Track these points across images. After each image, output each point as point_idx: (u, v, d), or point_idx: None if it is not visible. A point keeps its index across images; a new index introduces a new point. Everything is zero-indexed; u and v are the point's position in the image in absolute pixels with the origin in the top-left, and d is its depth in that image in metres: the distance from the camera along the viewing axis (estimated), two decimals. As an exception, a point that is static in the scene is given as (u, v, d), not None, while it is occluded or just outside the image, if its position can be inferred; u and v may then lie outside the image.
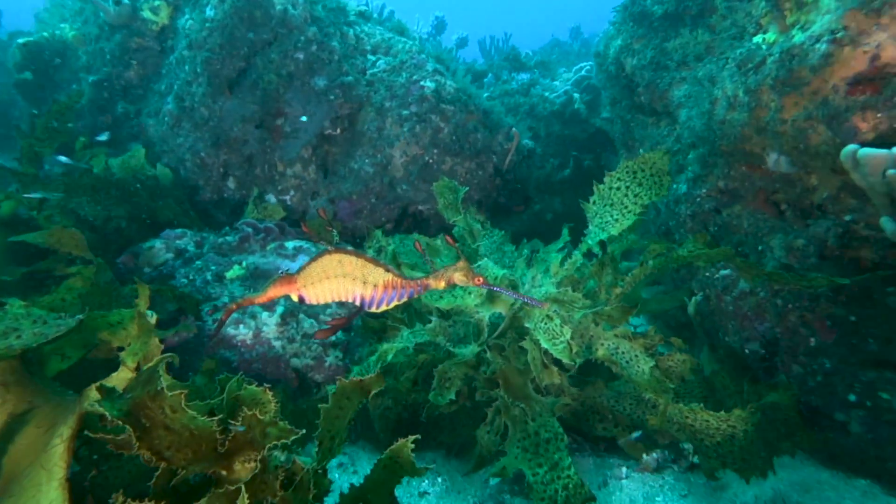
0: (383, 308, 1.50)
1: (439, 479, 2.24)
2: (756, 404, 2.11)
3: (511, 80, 8.06)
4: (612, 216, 2.38)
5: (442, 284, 1.49)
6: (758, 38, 2.11)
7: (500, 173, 3.89)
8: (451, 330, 2.46)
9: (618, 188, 2.39)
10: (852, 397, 2.15)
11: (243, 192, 4.02)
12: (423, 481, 2.23)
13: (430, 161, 3.73)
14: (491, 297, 2.38)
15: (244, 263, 3.17)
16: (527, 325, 2.19)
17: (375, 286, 1.47)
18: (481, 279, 1.47)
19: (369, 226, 3.98)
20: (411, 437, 1.48)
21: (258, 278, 3.11)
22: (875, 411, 2.08)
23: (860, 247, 2.14)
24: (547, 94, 7.15)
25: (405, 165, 3.77)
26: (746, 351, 2.61)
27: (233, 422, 1.34)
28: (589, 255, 2.51)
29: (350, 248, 1.49)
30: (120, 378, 1.76)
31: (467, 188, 2.89)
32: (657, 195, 2.31)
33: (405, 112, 3.68)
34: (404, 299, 1.49)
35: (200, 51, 3.67)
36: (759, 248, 2.51)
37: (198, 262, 3.04)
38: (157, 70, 4.34)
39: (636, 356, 2.20)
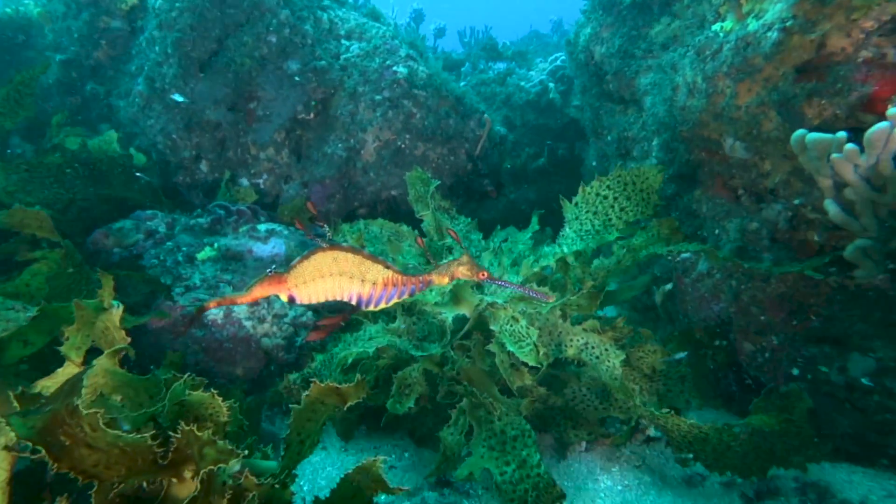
0: (381, 306, 1.44)
1: (406, 454, 2.31)
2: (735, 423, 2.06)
3: (488, 69, 8.09)
4: (592, 225, 2.29)
5: (445, 280, 1.44)
6: (716, 27, 2.19)
7: (472, 159, 3.94)
8: (416, 327, 2.39)
9: (605, 196, 2.29)
10: (796, 371, 2.26)
11: (216, 175, 3.99)
12: (391, 455, 2.29)
13: (403, 146, 3.75)
14: (455, 298, 2.28)
15: (216, 245, 3.16)
16: (492, 327, 2.13)
17: (374, 284, 1.41)
18: (486, 273, 1.43)
19: (342, 210, 4.01)
20: (381, 458, 1.39)
21: (230, 260, 3.11)
22: (815, 384, 2.19)
23: (808, 229, 2.25)
24: (523, 83, 7.20)
25: (378, 150, 3.78)
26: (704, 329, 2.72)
27: (174, 434, 1.21)
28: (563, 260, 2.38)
29: (345, 244, 1.41)
30: (63, 375, 1.64)
31: (438, 182, 2.77)
32: (643, 213, 2.22)
33: (378, 97, 3.69)
34: (405, 296, 1.43)
35: (171, 31, 3.62)
36: (717, 231, 2.60)
37: (168, 244, 3.03)
38: (127, 50, 4.27)
39: (606, 350, 2.15)
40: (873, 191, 1.75)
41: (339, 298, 1.43)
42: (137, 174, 3.45)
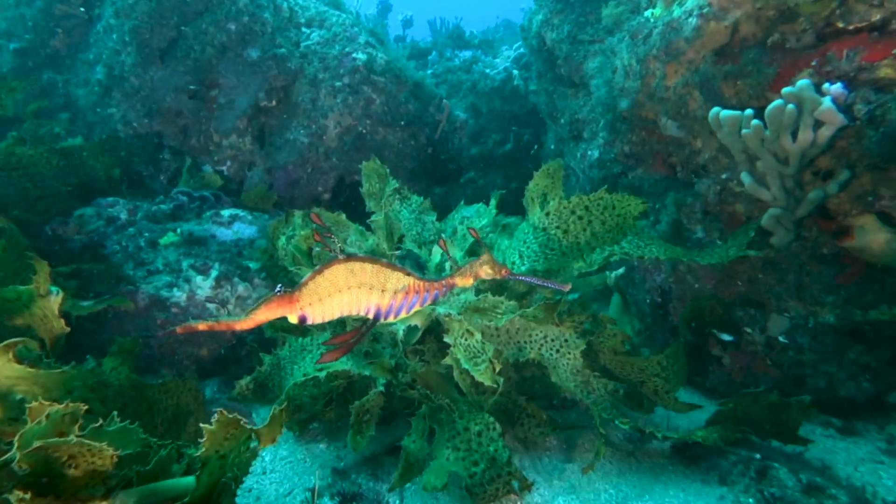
0: (402, 316, 1.36)
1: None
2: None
3: (454, 57, 8.18)
4: (560, 244, 2.13)
5: (470, 281, 1.39)
6: (648, 13, 2.33)
7: (432, 143, 4.04)
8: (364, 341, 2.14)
9: (579, 217, 2.15)
10: (725, 335, 2.45)
11: (179, 164, 4.02)
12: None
13: (364, 131, 3.84)
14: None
15: (178, 230, 3.22)
16: (447, 339, 2.00)
17: (395, 293, 1.33)
18: (507, 270, 1.38)
19: (307, 195, 4.08)
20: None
21: (193, 244, 3.17)
22: (739, 343, 2.39)
23: (735, 202, 2.42)
24: (488, 70, 7.31)
25: (340, 136, 3.86)
26: (647, 301, 2.90)
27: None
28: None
29: (359, 253, 1.34)
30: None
31: (396, 184, 2.62)
32: (613, 241, 2.09)
33: (338, 83, 3.76)
34: (427, 303, 1.36)
35: (128, 19, 3.62)
36: (657, 206, 2.77)
37: (130, 230, 3.07)
38: (84, 38, 4.24)
39: (566, 341, 2.09)
40: (779, 163, 1.92)
41: (355, 313, 1.33)
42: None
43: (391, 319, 1.35)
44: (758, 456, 1.84)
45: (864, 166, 1.95)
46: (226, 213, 3.61)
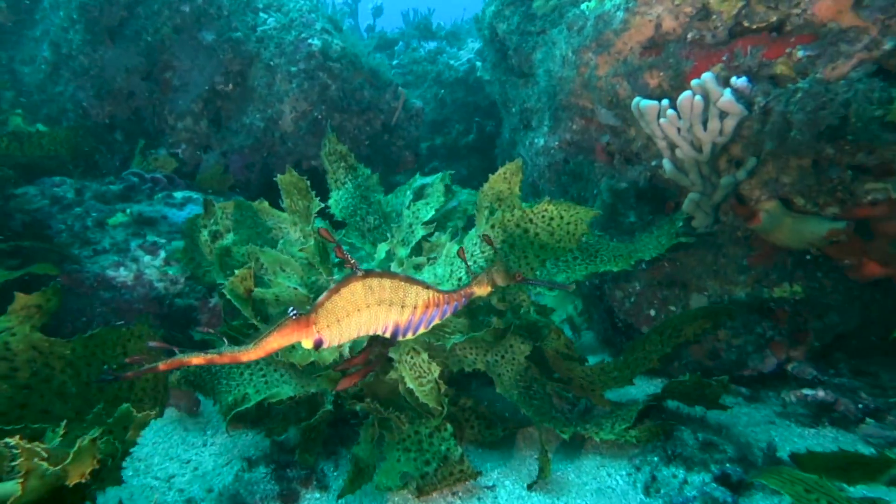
0: (421, 331, 1.31)
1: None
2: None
3: (419, 48, 8.25)
4: (506, 260, 2.06)
5: (487, 289, 1.37)
6: (584, 5, 2.45)
7: (388, 129, 4.11)
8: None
9: (525, 230, 2.06)
10: (653, 312, 2.62)
11: (133, 145, 3.98)
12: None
13: (320, 117, 3.88)
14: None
15: (128, 211, 3.21)
16: (392, 355, 1.96)
17: (415, 308, 1.27)
18: (520, 275, 1.38)
19: (263, 179, 4.10)
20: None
21: (142, 225, 3.17)
22: (666, 321, 2.56)
23: (664, 188, 2.58)
24: (452, 62, 7.40)
25: (295, 121, 3.89)
26: (587, 283, 3.05)
27: None
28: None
29: (376, 269, 1.27)
30: None
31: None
32: (558, 254, 2.02)
33: (293, 69, 3.79)
34: (447, 315, 1.32)
35: (76, -4, 3.56)
36: (595, 192, 2.92)
37: (77, 209, 3.05)
38: (31, 14, 4.14)
39: (511, 346, 2.10)
40: (694, 150, 2.07)
41: (374, 332, 1.27)
42: None
43: (409, 336, 1.29)
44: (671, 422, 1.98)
45: (769, 154, 2.12)
46: (179, 194, 3.61)
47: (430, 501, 1.78)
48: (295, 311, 1.16)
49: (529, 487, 1.81)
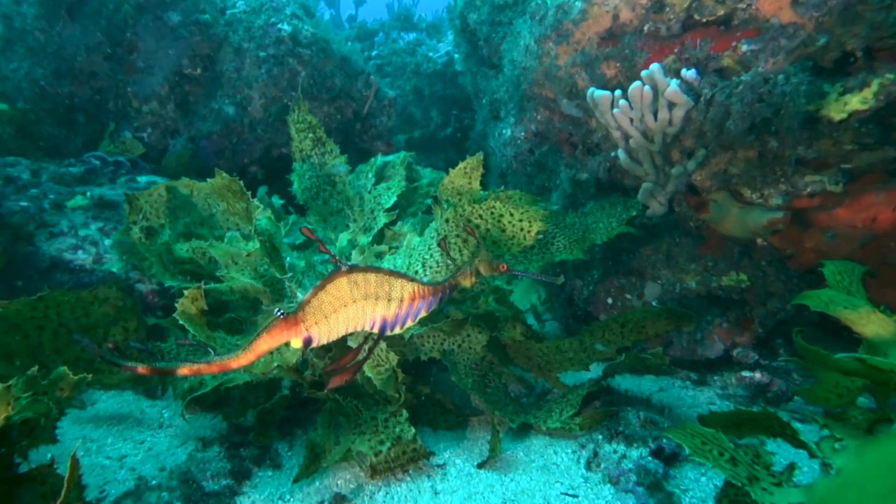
0: (408, 325, 1.32)
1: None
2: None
3: (399, 39, 8.23)
4: (461, 254, 2.01)
5: (472, 280, 1.39)
6: (546, -4, 2.48)
7: (359, 118, 4.11)
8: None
9: (476, 226, 2.02)
10: (610, 300, 2.69)
11: (96, 127, 3.91)
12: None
13: (290, 104, 3.85)
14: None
15: (88, 194, 3.16)
16: (350, 344, 1.97)
17: (401, 301, 1.28)
18: (504, 266, 1.39)
19: (233, 166, 4.06)
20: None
21: (103, 208, 3.13)
22: (622, 309, 2.62)
23: (622, 177, 2.64)
24: (431, 54, 7.40)
25: (265, 107, 3.86)
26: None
27: None
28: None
29: (357, 263, 1.26)
30: None
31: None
32: (518, 245, 1.97)
33: (262, 54, 3.75)
34: (433, 307, 1.33)
35: (34, -29, 3.47)
36: (557, 182, 2.97)
37: (33, 190, 2.99)
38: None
39: (468, 335, 2.13)
40: (646, 140, 2.13)
41: (361, 328, 1.28)
42: None
43: (397, 330, 1.30)
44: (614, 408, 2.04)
45: (718, 146, 2.19)
46: (142, 179, 3.57)
47: (382, 480, 1.81)
48: (282, 311, 1.17)
49: (479, 466, 1.86)
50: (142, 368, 1.12)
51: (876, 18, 1.65)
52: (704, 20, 1.97)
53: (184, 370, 1.14)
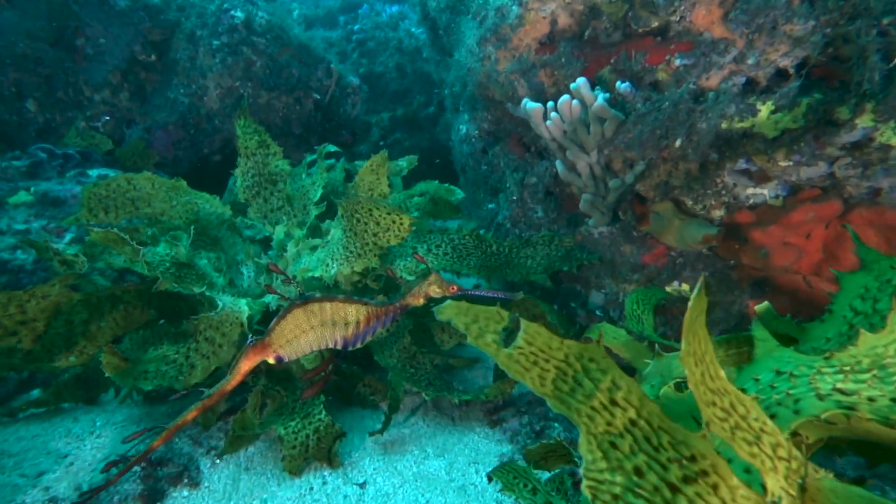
0: (368, 340, 1.48)
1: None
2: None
3: (382, 11, 7.99)
4: (352, 249, 2.09)
5: (420, 301, 1.48)
6: (490, -5, 2.38)
7: (321, 108, 4.01)
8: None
9: (358, 219, 2.08)
10: (555, 306, 2.66)
11: (48, 116, 3.80)
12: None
13: (246, 94, 3.75)
14: (244, 294, 2.16)
15: (32, 189, 3.09)
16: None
17: (357, 323, 1.44)
18: (455, 287, 1.48)
19: (192, 156, 3.98)
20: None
21: (47, 205, 3.06)
22: (569, 317, 2.61)
23: (569, 184, 2.58)
24: (413, 29, 7.20)
25: (220, 98, 3.76)
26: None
27: None
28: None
29: (318, 294, 1.43)
30: None
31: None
32: (396, 237, 2.05)
33: (216, 42, 3.63)
34: (387, 325, 1.49)
35: (-25, -46, 3.32)
36: (508, 185, 2.91)
37: (-28, 188, 2.92)
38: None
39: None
40: (582, 152, 2.07)
41: (326, 346, 1.46)
42: None
43: (358, 345, 1.48)
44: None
45: (658, 158, 2.13)
46: (93, 172, 3.49)
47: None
48: (252, 339, 1.44)
49: (370, 434, 2.00)
50: (159, 441, 1.44)
51: (803, 38, 1.58)
52: (640, 30, 1.89)
53: (194, 413, 1.44)
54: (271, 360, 1.46)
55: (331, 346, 1.48)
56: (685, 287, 2.38)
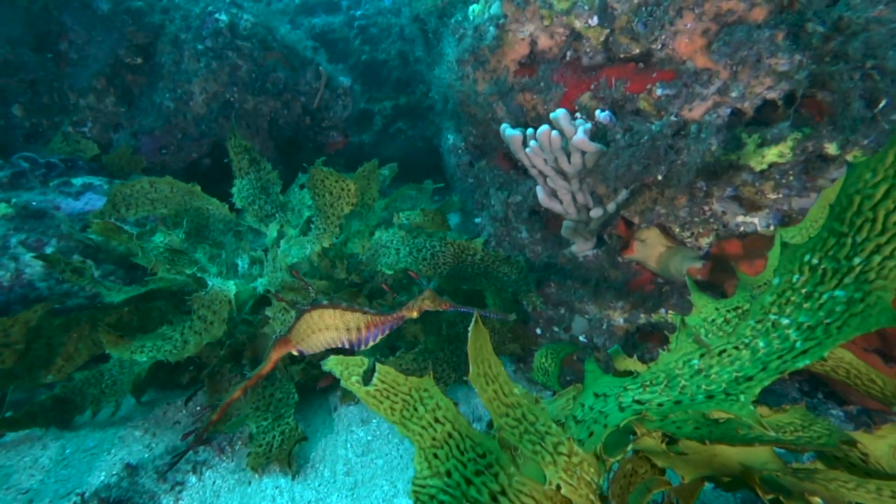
0: (371, 345, 1.63)
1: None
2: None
3: (387, -6, 7.83)
4: (321, 227, 2.32)
5: (414, 313, 1.61)
6: (470, 9, 2.27)
7: (309, 112, 3.92)
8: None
9: (321, 192, 2.32)
10: (539, 331, 2.59)
11: (34, 121, 3.76)
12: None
13: (232, 99, 3.67)
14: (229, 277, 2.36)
15: (13, 201, 3.05)
16: (267, 312, 2.30)
17: (359, 329, 1.61)
18: (447, 304, 1.59)
19: (180, 161, 3.93)
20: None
21: (28, 218, 3.02)
22: (552, 341, 2.54)
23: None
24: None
25: (207, 103, 3.68)
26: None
27: None
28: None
29: (326, 301, 1.62)
30: None
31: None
32: (344, 207, 2.26)
33: (200, 46, 3.54)
34: (387, 332, 1.63)
35: (-47, -43, 3.24)
36: (493, 202, 2.82)
37: (-49, 201, 2.89)
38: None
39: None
40: (563, 180, 1.98)
41: (335, 346, 1.66)
42: None
43: (364, 348, 1.64)
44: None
45: (645, 186, 2.04)
46: (77, 181, 3.44)
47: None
48: (279, 334, 1.72)
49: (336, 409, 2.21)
50: (217, 414, 1.78)
51: (788, 72, 1.47)
52: (622, 55, 1.78)
53: (238, 393, 1.76)
54: (295, 353, 1.69)
55: (339, 346, 1.65)
56: (671, 315, 2.30)
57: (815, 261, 0.84)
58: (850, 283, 0.78)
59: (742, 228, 2.04)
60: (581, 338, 2.47)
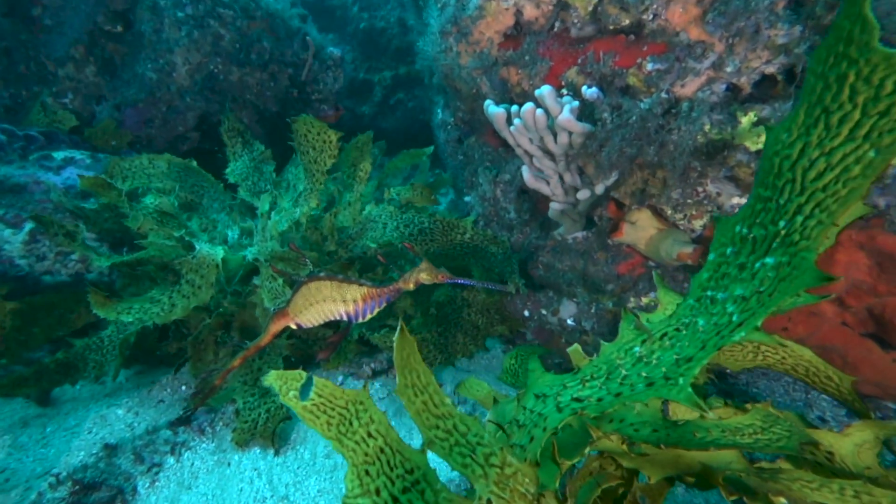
0: (369, 317, 1.64)
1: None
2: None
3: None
4: (308, 188, 2.33)
5: (411, 285, 1.59)
6: (457, -25, 2.14)
7: (297, 84, 3.79)
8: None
9: (307, 148, 2.33)
10: (527, 313, 2.53)
11: (12, 91, 3.64)
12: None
13: (216, 70, 3.54)
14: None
15: (-10, 177, 2.97)
16: (255, 281, 2.28)
17: (355, 301, 1.61)
18: (444, 276, 1.56)
19: (166, 135, 3.82)
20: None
21: (5, 193, 2.95)
22: (540, 324, 2.48)
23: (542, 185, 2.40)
24: (417, -20, 6.82)
25: (190, 74, 3.55)
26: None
27: None
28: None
29: (323, 273, 1.61)
30: None
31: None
32: (327, 159, 2.25)
33: (181, 14, 3.40)
34: (384, 305, 1.63)
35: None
36: (481, 181, 2.73)
37: (-74, 176, 2.81)
38: None
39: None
40: (550, 160, 1.89)
41: (333, 318, 1.66)
42: None
43: (360, 321, 1.64)
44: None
45: (636, 166, 1.94)
46: (58, 155, 3.35)
47: None
48: (278, 305, 1.71)
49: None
50: (219, 378, 1.77)
51: (788, 45, 1.36)
52: (611, 27, 1.66)
53: (238, 362, 1.74)
54: (293, 326, 1.69)
55: (336, 318, 1.65)
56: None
57: (745, 230, 0.79)
58: (777, 247, 0.74)
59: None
60: (569, 321, 2.40)
